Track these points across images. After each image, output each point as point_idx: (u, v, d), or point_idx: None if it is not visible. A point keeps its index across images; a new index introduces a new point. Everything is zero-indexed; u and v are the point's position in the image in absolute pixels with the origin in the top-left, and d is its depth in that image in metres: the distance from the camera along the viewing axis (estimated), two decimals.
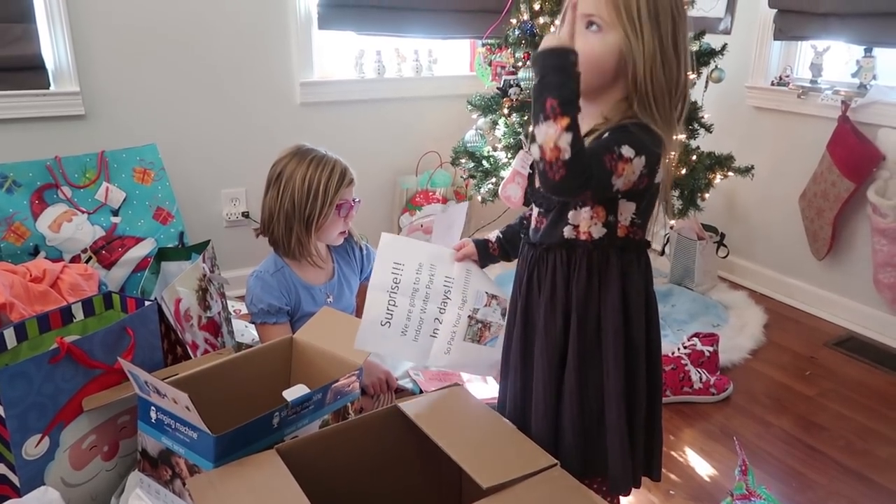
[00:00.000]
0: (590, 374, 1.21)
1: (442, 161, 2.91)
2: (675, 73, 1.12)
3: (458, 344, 1.34)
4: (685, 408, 2.05)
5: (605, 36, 1.09)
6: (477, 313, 1.34)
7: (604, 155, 1.07)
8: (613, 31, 1.09)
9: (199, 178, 2.56)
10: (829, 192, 2.48)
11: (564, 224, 1.19)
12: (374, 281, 1.30)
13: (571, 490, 1.04)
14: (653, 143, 1.11)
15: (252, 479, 1.05)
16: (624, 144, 1.07)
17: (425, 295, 1.32)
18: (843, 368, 2.31)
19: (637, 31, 1.08)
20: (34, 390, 1.25)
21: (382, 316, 1.30)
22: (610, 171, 1.07)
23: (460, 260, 1.37)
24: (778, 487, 1.73)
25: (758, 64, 2.75)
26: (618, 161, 1.07)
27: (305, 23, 2.60)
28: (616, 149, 1.07)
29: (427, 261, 1.34)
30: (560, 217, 1.19)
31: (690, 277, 2.79)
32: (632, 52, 1.08)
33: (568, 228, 1.19)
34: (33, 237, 1.98)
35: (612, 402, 1.21)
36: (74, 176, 2.10)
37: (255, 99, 2.60)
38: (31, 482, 1.27)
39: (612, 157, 1.07)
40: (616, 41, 1.09)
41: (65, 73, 2.26)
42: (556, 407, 1.25)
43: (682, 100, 1.16)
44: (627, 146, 1.07)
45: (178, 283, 1.58)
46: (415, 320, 1.32)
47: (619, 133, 1.09)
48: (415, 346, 1.33)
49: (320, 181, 1.69)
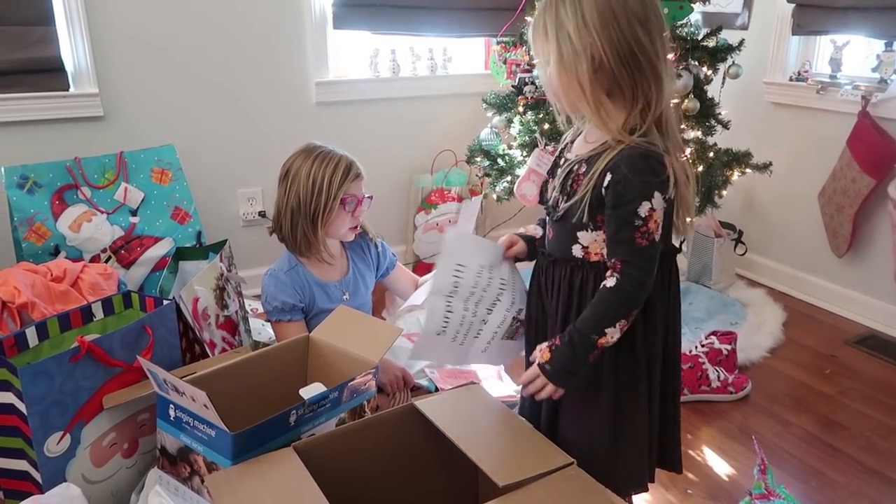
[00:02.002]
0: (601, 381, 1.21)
1: (457, 159, 2.91)
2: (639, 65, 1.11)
3: (497, 342, 1.32)
4: (703, 406, 2.04)
5: (548, 67, 1.15)
6: (521, 314, 1.32)
7: (634, 236, 1.10)
8: (549, 60, 1.14)
9: (216, 178, 2.58)
10: (848, 188, 2.45)
11: (574, 242, 1.19)
12: (436, 285, 1.25)
13: (588, 488, 1.04)
14: (656, 170, 1.11)
15: (269, 476, 1.05)
16: (637, 207, 1.09)
17: (479, 297, 1.27)
18: (863, 366, 2.28)
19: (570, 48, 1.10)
20: (55, 388, 1.26)
21: (440, 324, 1.25)
22: (650, 241, 1.10)
23: (511, 257, 1.34)
24: (798, 487, 1.71)
25: (776, 59, 2.72)
26: (646, 224, 1.10)
27: (320, 22, 2.61)
28: (637, 220, 1.09)
29: (488, 262, 1.29)
30: (570, 234, 1.20)
31: (708, 275, 2.77)
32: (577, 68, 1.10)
33: (577, 247, 1.19)
34: (54, 237, 2.01)
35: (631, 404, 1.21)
36: (94, 177, 2.13)
37: (270, 99, 2.62)
38: (53, 479, 1.29)
39: (641, 229, 1.10)
40: (555, 66, 1.13)
41: (84, 74, 2.29)
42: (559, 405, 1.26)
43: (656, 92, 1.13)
44: (642, 203, 1.09)
45: (195, 283, 1.60)
46: (466, 324, 1.28)
47: (624, 194, 1.10)
48: (459, 349, 1.30)
49: (324, 176, 1.70)
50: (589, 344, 1.13)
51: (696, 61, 2.22)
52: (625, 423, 1.22)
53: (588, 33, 1.08)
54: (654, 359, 1.22)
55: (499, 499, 1.00)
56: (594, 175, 1.12)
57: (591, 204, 1.13)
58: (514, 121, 2.46)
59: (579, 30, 1.09)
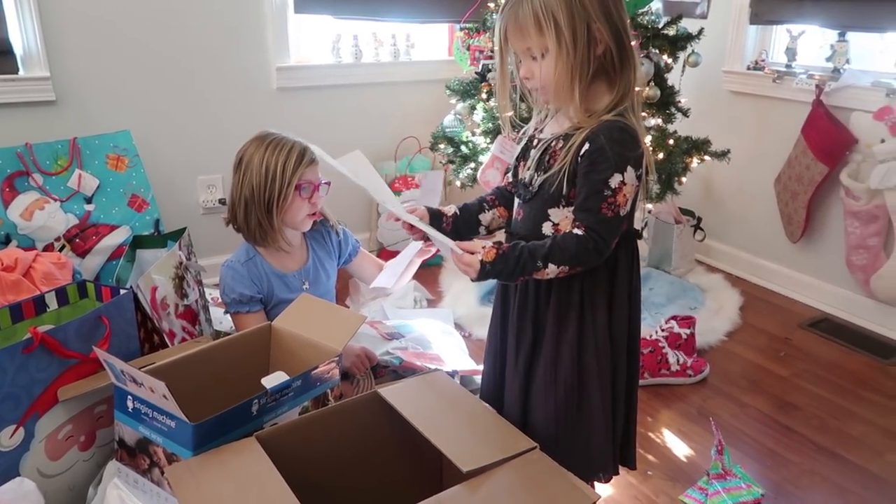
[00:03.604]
0: (563, 366, 1.22)
1: (421, 146, 2.90)
2: (627, 45, 1.13)
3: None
4: (663, 390, 2.08)
5: (544, 59, 1.12)
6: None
7: (601, 205, 1.10)
8: (547, 51, 1.11)
9: (175, 165, 2.52)
10: (803, 175, 2.51)
11: (544, 219, 1.20)
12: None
13: (551, 472, 1.05)
14: (632, 144, 1.12)
15: (231, 466, 1.04)
16: (609, 177, 1.10)
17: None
18: (816, 349, 2.35)
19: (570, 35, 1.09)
20: (7, 381, 1.23)
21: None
22: (616, 213, 1.11)
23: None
24: (753, 466, 1.76)
25: (734, 48, 2.77)
26: (615, 195, 1.10)
27: (281, 6, 2.57)
28: (606, 191, 1.10)
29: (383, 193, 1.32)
30: (541, 212, 1.20)
31: (668, 261, 2.81)
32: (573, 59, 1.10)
33: (548, 225, 1.20)
34: (5, 226, 1.95)
35: (595, 391, 1.23)
36: (46, 163, 2.07)
37: (231, 84, 2.57)
38: (6, 473, 1.26)
39: (609, 202, 1.10)
40: (555, 57, 1.11)
41: (34, 57, 2.21)
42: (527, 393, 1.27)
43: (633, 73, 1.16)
44: (614, 174, 1.10)
45: (154, 271, 1.57)
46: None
47: (599, 163, 1.10)
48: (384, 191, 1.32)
49: (277, 163, 1.66)
50: (528, 267, 1.13)
51: (656, 49, 2.25)
52: (591, 409, 1.24)
53: (588, 16, 1.08)
54: (619, 342, 1.24)
55: (463, 484, 1.01)
56: (573, 145, 1.12)
57: (569, 173, 1.13)
58: (478, 107, 2.46)
59: (576, 14, 1.07)
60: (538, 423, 1.25)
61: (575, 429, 1.24)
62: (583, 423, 1.24)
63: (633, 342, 1.29)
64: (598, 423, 1.24)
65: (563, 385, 1.22)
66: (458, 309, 2.46)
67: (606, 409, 1.25)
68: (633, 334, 1.28)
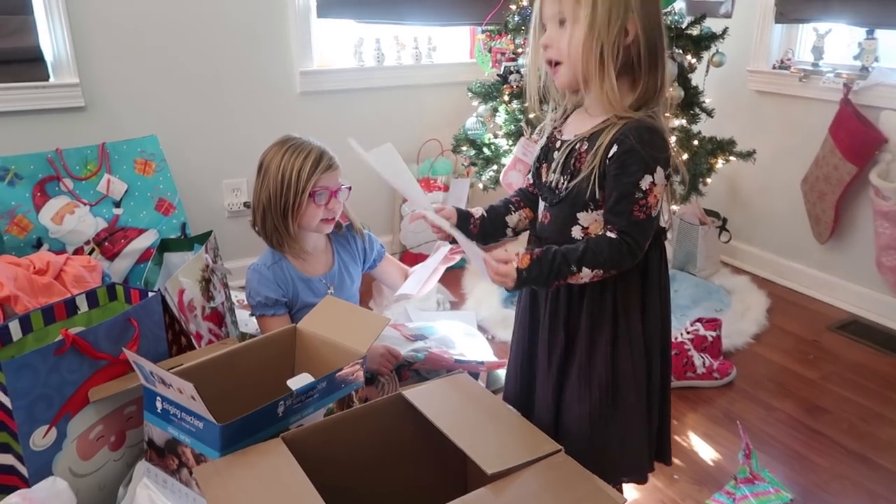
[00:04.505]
0: (598, 369, 1.21)
1: (443, 149, 2.91)
2: (659, 47, 1.11)
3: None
4: (689, 393, 2.06)
5: (573, 27, 1.10)
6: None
7: (633, 207, 1.09)
8: (578, 20, 1.09)
9: (201, 169, 2.56)
10: (831, 175, 2.47)
11: (573, 223, 1.19)
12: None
13: (576, 475, 1.05)
14: (662, 145, 1.11)
15: (258, 467, 1.05)
16: (640, 179, 1.08)
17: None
18: (845, 352, 2.31)
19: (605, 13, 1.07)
20: (40, 382, 1.25)
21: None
22: (648, 214, 1.09)
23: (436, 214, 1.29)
24: (781, 470, 1.74)
25: (759, 47, 2.74)
26: (646, 197, 1.09)
27: (304, 11, 2.59)
28: (637, 193, 1.08)
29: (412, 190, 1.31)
30: (569, 216, 1.19)
31: (693, 262, 2.79)
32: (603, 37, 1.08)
33: (577, 229, 1.19)
34: (36, 230, 1.98)
35: (631, 392, 1.22)
36: (76, 168, 2.10)
37: (255, 88, 2.60)
38: (40, 473, 1.28)
39: (641, 202, 1.09)
40: (584, 28, 1.09)
41: (64, 64, 2.25)
42: (559, 396, 1.26)
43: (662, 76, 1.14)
44: (644, 176, 1.08)
45: (181, 274, 1.59)
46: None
47: (629, 165, 1.09)
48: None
49: (293, 169, 1.66)
50: (563, 272, 1.12)
51: (680, 50, 2.23)
52: (627, 411, 1.23)
53: (627, 5, 1.07)
54: (652, 343, 1.23)
55: (488, 486, 1.01)
56: (600, 148, 1.11)
57: (598, 177, 1.12)
58: (500, 110, 2.46)
59: (618, 8, 1.07)
60: (572, 424, 1.25)
61: (610, 430, 1.23)
62: (618, 425, 1.23)
63: (665, 342, 1.28)
64: (633, 425, 1.24)
65: (598, 388, 1.21)
66: (481, 311, 2.46)
67: (641, 411, 1.24)
68: (664, 335, 1.27)
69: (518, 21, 2.43)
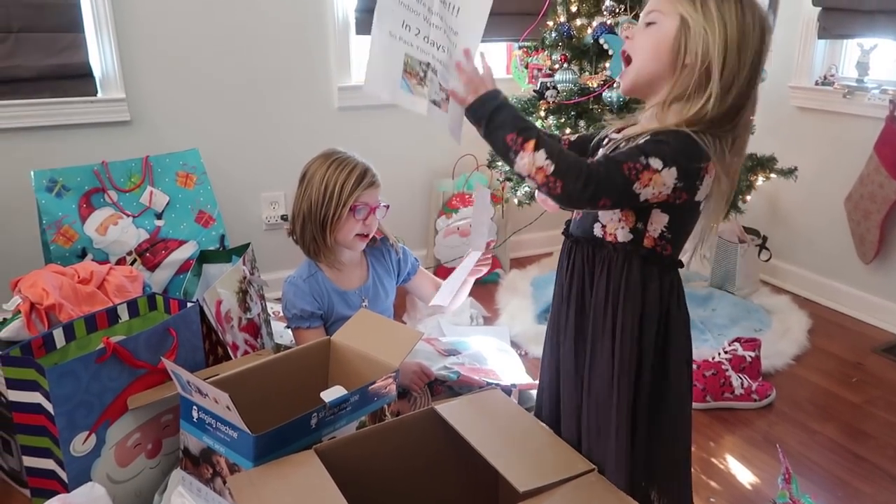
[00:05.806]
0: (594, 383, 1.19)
1: (478, 164, 2.91)
2: (736, 68, 1.07)
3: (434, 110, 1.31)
4: (726, 414, 2.02)
5: (661, 25, 1.09)
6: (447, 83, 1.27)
7: (624, 162, 1.06)
8: (670, 17, 1.08)
9: (240, 182, 2.60)
10: (876, 193, 2.41)
11: (595, 220, 1.18)
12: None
13: (609, 494, 1.04)
14: (693, 156, 1.07)
15: (291, 478, 1.06)
16: (652, 155, 1.05)
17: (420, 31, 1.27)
18: (890, 375, 2.24)
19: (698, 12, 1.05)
20: (82, 388, 1.28)
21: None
22: (629, 178, 1.05)
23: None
24: (823, 496, 1.68)
25: (801, 63, 2.69)
26: (642, 171, 1.05)
27: (343, 28, 2.63)
28: (643, 159, 1.05)
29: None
30: (594, 213, 1.19)
31: (732, 281, 2.74)
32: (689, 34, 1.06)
33: (598, 226, 1.18)
34: (81, 240, 2.04)
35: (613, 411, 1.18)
36: (120, 180, 2.16)
37: (293, 103, 2.64)
38: (79, 478, 1.31)
39: (635, 166, 1.05)
40: (672, 26, 1.07)
41: (111, 80, 2.33)
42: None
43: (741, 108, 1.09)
44: (655, 157, 1.05)
45: (219, 285, 1.61)
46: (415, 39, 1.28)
47: (652, 143, 1.07)
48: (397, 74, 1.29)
49: (337, 182, 1.69)
50: (519, 126, 1.08)
51: None
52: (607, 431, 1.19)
53: (713, 38, 1.04)
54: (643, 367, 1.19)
55: None
56: (637, 139, 1.09)
57: None
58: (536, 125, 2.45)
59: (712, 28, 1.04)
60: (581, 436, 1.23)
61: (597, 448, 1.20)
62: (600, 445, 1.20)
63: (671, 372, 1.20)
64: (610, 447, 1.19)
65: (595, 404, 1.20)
66: (514, 326, 2.45)
67: (621, 436, 1.18)
68: (668, 363, 1.19)
69: (555, 37, 2.43)
